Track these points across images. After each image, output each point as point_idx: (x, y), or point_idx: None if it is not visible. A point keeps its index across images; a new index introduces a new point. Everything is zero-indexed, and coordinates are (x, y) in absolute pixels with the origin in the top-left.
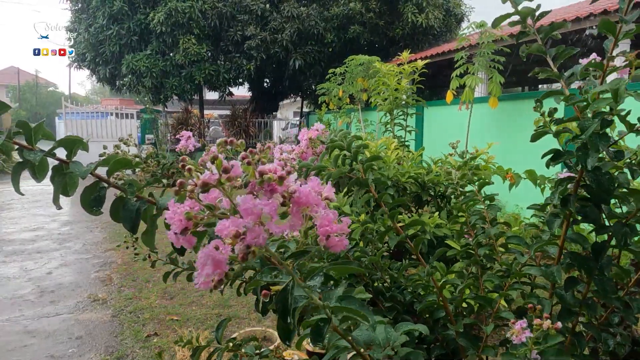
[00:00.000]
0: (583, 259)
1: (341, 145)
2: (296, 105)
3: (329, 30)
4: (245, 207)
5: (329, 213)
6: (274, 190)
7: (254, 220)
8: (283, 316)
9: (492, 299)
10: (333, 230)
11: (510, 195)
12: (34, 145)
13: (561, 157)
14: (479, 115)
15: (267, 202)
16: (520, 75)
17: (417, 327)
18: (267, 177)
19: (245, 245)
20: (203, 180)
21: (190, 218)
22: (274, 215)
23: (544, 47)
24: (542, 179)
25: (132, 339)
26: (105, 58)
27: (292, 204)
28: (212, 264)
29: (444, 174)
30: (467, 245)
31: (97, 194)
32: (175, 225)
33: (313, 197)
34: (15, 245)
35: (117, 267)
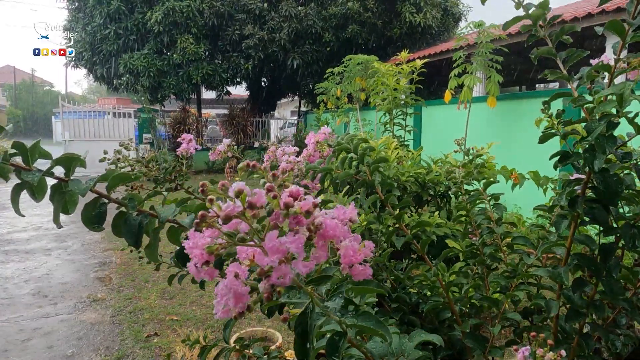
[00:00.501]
0: (591, 261)
1: (348, 147)
2: (294, 104)
3: (327, 29)
4: (271, 245)
5: (354, 243)
6: (300, 222)
7: (279, 258)
8: (302, 339)
9: (499, 300)
10: (358, 259)
11: (508, 194)
12: (31, 166)
13: (569, 159)
14: (477, 115)
15: (294, 238)
16: (517, 74)
17: (431, 338)
18: (293, 211)
19: (270, 284)
20: (226, 214)
21: (212, 252)
22: (301, 252)
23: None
24: (545, 180)
25: (132, 339)
26: (102, 57)
27: (317, 237)
28: (233, 297)
29: (444, 174)
30: (472, 245)
31: (98, 210)
32: (196, 258)
33: (340, 229)
34: (14, 245)
35: (116, 267)
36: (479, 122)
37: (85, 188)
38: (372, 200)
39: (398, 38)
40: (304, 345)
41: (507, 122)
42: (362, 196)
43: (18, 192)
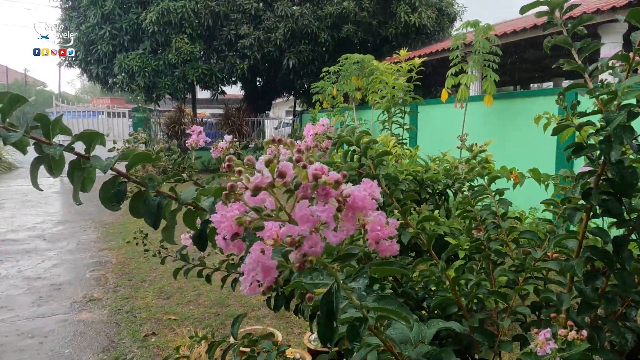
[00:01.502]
0: (604, 253)
1: (350, 140)
2: (289, 104)
3: (323, 29)
4: (302, 214)
5: (381, 217)
6: (329, 194)
7: (310, 227)
8: (329, 319)
9: (507, 294)
10: (384, 234)
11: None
12: (51, 140)
13: (582, 151)
14: (474, 114)
15: (324, 208)
16: (511, 74)
17: (450, 325)
18: (322, 181)
19: (301, 253)
20: (255, 184)
21: (242, 223)
22: (332, 222)
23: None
24: (546, 177)
25: (130, 338)
26: (97, 57)
27: (346, 208)
28: (262, 270)
29: (442, 172)
30: (477, 240)
31: (117, 189)
32: (225, 230)
33: (368, 201)
34: (8, 245)
35: (112, 266)
36: (475, 120)
37: (107, 165)
38: None
39: (393, 38)
40: (330, 326)
41: (503, 121)
42: None
43: (37, 165)
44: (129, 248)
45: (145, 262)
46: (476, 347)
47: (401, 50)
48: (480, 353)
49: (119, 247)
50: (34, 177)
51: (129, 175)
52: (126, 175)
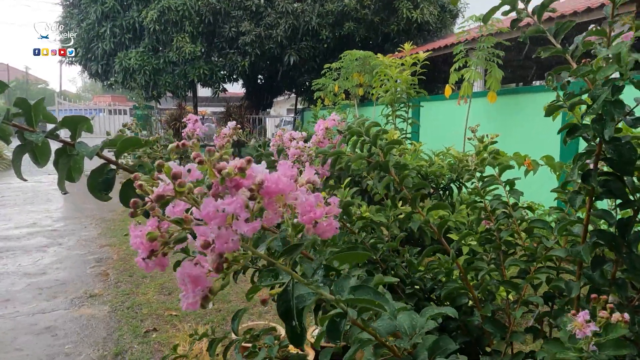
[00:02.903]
0: (610, 236)
1: (359, 131)
2: (290, 102)
3: (324, 26)
4: (206, 211)
5: (310, 198)
6: (239, 185)
7: (220, 224)
8: (287, 320)
9: (519, 284)
10: (317, 215)
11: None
12: (34, 127)
13: (577, 131)
14: (477, 110)
15: (230, 200)
16: (514, 71)
17: (443, 310)
18: (226, 173)
19: (217, 254)
20: (157, 194)
21: (154, 238)
22: (241, 212)
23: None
24: (560, 165)
25: (131, 334)
26: (97, 54)
27: (263, 195)
28: (191, 282)
29: (446, 166)
30: (488, 231)
31: (106, 176)
32: (140, 250)
33: (284, 182)
34: (8, 241)
35: (113, 262)
36: (478, 117)
37: (93, 151)
38: (387, 182)
39: (395, 34)
40: (290, 324)
41: (506, 117)
42: (376, 179)
43: (20, 154)
44: (130, 244)
45: None
46: (487, 338)
47: (405, 44)
48: (493, 344)
49: (120, 243)
50: (16, 166)
51: (118, 162)
52: (115, 162)
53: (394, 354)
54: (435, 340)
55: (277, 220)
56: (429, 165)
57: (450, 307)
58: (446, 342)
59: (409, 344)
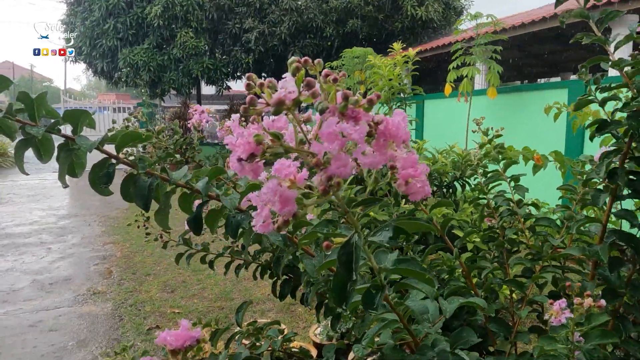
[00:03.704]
0: (631, 237)
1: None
2: None
3: (328, 23)
4: (330, 130)
5: (414, 154)
6: (358, 117)
7: (339, 146)
8: (347, 270)
9: (524, 283)
10: (417, 174)
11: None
12: (37, 121)
13: (607, 127)
14: (478, 107)
15: (356, 127)
16: (518, 69)
17: (473, 301)
18: (353, 100)
19: (327, 175)
20: (278, 98)
21: (261, 141)
22: (362, 142)
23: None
24: (569, 161)
25: (134, 332)
26: (102, 51)
27: (378, 135)
28: (280, 201)
29: (450, 164)
30: (491, 228)
31: (106, 170)
32: (240, 149)
33: (403, 129)
34: (13, 238)
35: (116, 260)
36: (480, 114)
37: (92, 144)
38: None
39: (399, 32)
40: (345, 281)
41: (509, 115)
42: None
43: (22, 148)
44: (134, 242)
45: (149, 255)
46: (491, 338)
47: (395, 44)
48: (497, 344)
49: (124, 240)
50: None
51: (118, 156)
52: (116, 156)
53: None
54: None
55: (383, 163)
56: (432, 163)
57: (479, 298)
58: (469, 334)
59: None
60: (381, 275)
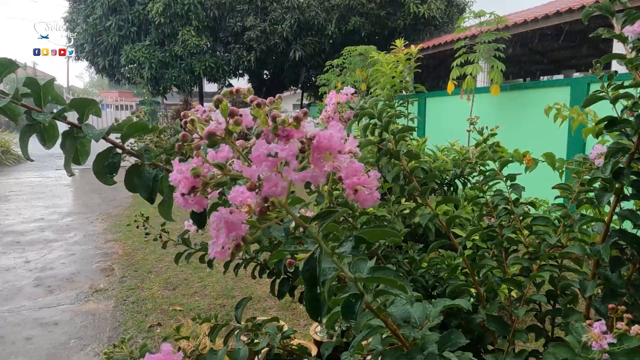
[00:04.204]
0: (633, 237)
1: (371, 113)
2: (296, 97)
3: (330, 21)
4: (258, 153)
5: (355, 163)
6: (290, 136)
7: (269, 167)
8: (311, 285)
9: (522, 282)
10: (361, 182)
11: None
12: (42, 107)
13: (616, 125)
14: (481, 105)
15: (284, 146)
16: (521, 66)
17: (457, 303)
18: (280, 120)
19: (262, 197)
20: (209, 131)
21: (198, 174)
22: (293, 160)
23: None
24: (561, 162)
25: (135, 329)
26: (104, 49)
27: (312, 150)
28: (226, 227)
29: (450, 162)
30: (489, 227)
31: (111, 160)
32: (181, 185)
33: (336, 141)
34: (15, 236)
35: (118, 257)
36: (483, 112)
37: (99, 134)
38: (397, 171)
39: (402, 29)
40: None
41: (512, 113)
42: (385, 167)
43: (27, 134)
44: (135, 239)
45: (151, 253)
46: (490, 337)
47: (397, 41)
48: (496, 343)
49: (126, 238)
50: (23, 145)
51: (124, 146)
52: (121, 146)
53: (402, 343)
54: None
55: (322, 177)
56: (433, 160)
57: (464, 300)
58: (457, 336)
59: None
60: (359, 284)
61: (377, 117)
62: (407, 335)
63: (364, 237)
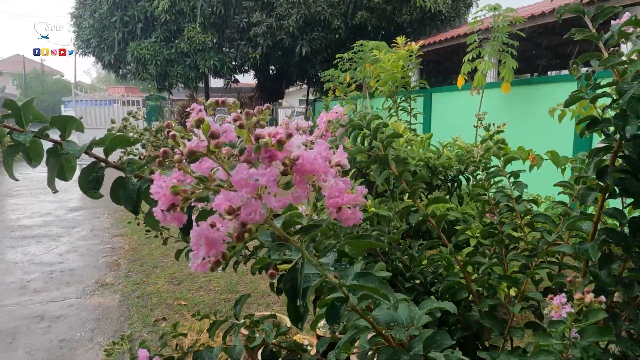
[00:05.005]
0: (621, 235)
1: (360, 124)
2: (302, 92)
3: (336, 16)
4: (238, 178)
5: (340, 182)
6: (274, 157)
7: (249, 193)
8: (292, 297)
9: (519, 279)
10: (344, 201)
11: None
12: (24, 127)
13: (597, 125)
14: (491, 101)
15: (265, 171)
16: (529, 61)
17: (442, 305)
18: (263, 142)
19: (239, 222)
20: (189, 149)
21: (178, 192)
22: (273, 186)
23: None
24: (564, 160)
25: (140, 323)
26: (110, 44)
27: (295, 172)
28: (206, 244)
29: (454, 158)
30: (490, 224)
31: (95, 174)
32: (160, 201)
33: (319, 163)
34: (23, 231)
35: (124, 252)
36: (492, 108)
37: (80, 150)
38: (386, 175)
39: (408, 24)
40: (295, 303)
41: (520, 108)
42: (375, 172)
43: (11, 154)
44: (142, 234)
45: (157, 248)
46: (486, 333)
47: (398, 38)
48: (491, 340)
49: (132, 233)
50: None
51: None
52: (105, 160)
53: (389, 344)
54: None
55: (304, 198)
56: (437, 157)
57: (449, 302)
58: (443, 337)
59: (405, 336)
60: (343, 289)
61: (366, 127)
62: (394, 337)
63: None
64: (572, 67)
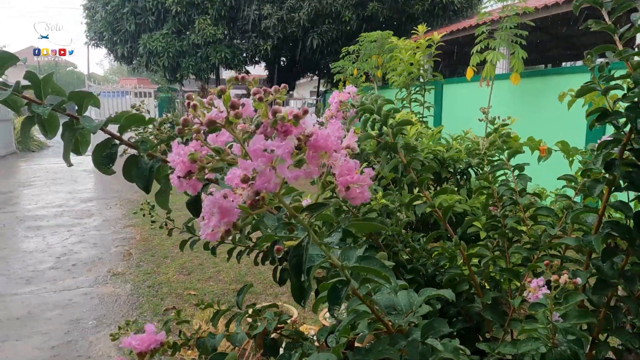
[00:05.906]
0: (625, 229)
1: (371, 108)
2: (313, 84)
3: (347, 7)
4: (255, 147)
5: (350, 161)
6: (289, 132)
7: (264, 163)
8: (297, 273)
9: (520, 272)
10: (354, 180)
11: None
12: (43, 99)
13: (607, 117)
14: (500, 92)
15: (281, 143)
16: (542, 52)
17: (442, 293)
18: (280, 116)
19: (254, 190)
20: (209, 118)
21: (195, 160)
22: (288, 158)
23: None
24: (575, 151)
25: (151, 312)
26: (122, 36)
27: (308, 148)
28: (219, 212)
29: (464, 150)
30: (494, 217)
31: (109, 150)
32: (178, 167)
33: (332, 141)
34: (37, 220)
35: (136, 242)
36: (501, 99)
37: (97, 125)
38: (394, 164)
39: (419, 15)
40: (299, 278)
41: (532, 100)
42: (384, 160)
43: (28, 125)
44: (153, 225)
45: (167, 239)
46: (487, 325)
47: (419, 26)
48: (492, 332)
49: (143, 223)
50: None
51: (121, 137)
52: (119, 137)
53: (388, 329)
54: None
55: (316, 174)
56: (446, 149)
57: (448, 290)
58: (440, 324)
59: (403, 321)
60: (345, 271)
61: (377, 112)
62: (393, 323)
63: (350, 230)
64: (587, 57)
